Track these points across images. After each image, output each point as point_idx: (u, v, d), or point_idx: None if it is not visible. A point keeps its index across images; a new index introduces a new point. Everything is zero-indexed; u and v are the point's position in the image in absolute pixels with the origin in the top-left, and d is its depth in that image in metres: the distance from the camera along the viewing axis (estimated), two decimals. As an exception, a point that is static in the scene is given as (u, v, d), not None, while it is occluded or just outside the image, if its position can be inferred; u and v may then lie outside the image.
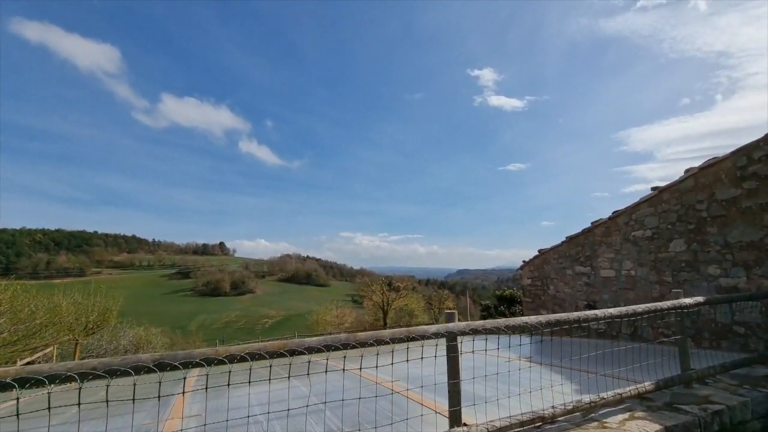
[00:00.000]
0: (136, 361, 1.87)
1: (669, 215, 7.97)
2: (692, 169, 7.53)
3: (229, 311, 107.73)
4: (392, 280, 38.03)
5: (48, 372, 1.65)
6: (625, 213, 9.15)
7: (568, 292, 11.18)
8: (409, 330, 2.40)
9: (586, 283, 10.44)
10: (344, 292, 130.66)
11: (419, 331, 2.42)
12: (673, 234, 7.86)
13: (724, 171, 6.95)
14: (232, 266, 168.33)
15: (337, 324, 36.67)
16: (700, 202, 7.34)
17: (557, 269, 11.68)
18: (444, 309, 37.95)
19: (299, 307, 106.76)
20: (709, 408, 3.15)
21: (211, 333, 77.26)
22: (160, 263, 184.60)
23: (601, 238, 9.92)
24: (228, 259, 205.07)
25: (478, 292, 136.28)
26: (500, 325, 2.66)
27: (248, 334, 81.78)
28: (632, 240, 8.89)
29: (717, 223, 7.04)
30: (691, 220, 7.51)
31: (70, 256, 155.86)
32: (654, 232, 8.32)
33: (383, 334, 2.33)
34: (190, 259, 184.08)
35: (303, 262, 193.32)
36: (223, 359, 2.06)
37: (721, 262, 6.97)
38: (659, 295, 8.20)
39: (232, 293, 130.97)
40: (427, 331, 2.44)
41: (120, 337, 23.70)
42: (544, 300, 12.31)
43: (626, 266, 9.08)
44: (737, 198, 6.71)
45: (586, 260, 10.43)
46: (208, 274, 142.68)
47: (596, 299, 10.06)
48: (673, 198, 7.89)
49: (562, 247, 11.45)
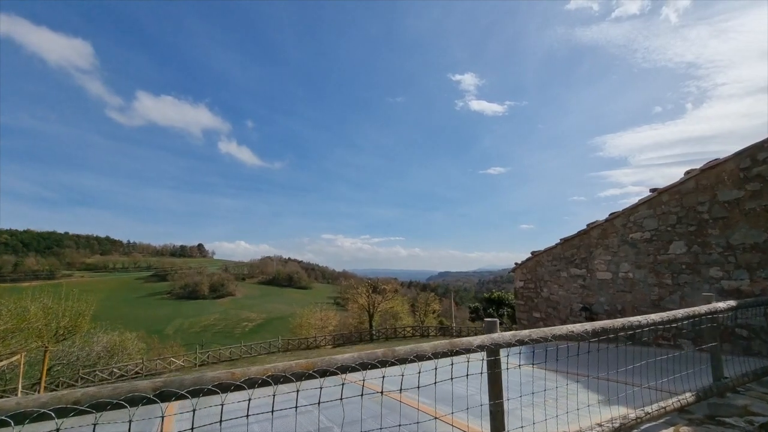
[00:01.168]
0: (132, 391, 1.48)
1: (669, 217, 7.90)
2: (693, 170, 7.48)
3: (207, 314, 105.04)
4: (378, 282, 37.63)
5: (14, 409, 1.24)
6: (622, 215, 9.08)
7: (562, 294, 11.07)
8: (452, 343, 2.07)
9: (581, 286, 10.35)
10: (326, 295, 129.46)
11: (463, 344, 2.09)
12: (673, 236, 7.80)
13: (726, 173, 6.90)
14: (210, 268, 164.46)
15: (321, 327, 36.02)
16: (702, 204, 7.29)
17: (551, 271, 11.57)
18: (429, 311, 37.83)
19: (281, 310, 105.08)
20: (755, 420, 2.94)
21: (190, 337, 75.07)
22: (135, 265, 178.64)
23: (597, 240, 9.84)
24: (207, 261, 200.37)
25: (460, 294, 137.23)
26: (547, 335, 2.36)
27: (227, 338, 79.84)
28: (630, 242, 8.82)
29: (719, 224, 6.99)
30: (691, 221, 7.46)
31: (39, 258, 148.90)
32: (653, 234, 8.26)
33: (424, 349, 1.99)
34: (167, 261, 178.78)
35: (284, 264, 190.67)
36: (240, 384, 1.68)
37: (724, 265, 6.91)
38: (658, 298, 8.14)
39: (210, 296, 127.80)
40: (472, 343, 2.12)
41: (93, 343, 22.55)
42: (537, 302, 12.19)
43: (624, 268, 9.00)
44: (740, 200, 6.67)
45: (582, 262, 10.35)
46: (186, 276, 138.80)
47: (592, 302, 9.97)
48: (673, 200, 7.84)
49: (557, 249, 11.35)
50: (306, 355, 24.05)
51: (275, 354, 27.36)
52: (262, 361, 23.70)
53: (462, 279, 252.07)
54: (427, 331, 32.61)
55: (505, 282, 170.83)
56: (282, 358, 23.92)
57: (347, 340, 32.20)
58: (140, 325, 68.68)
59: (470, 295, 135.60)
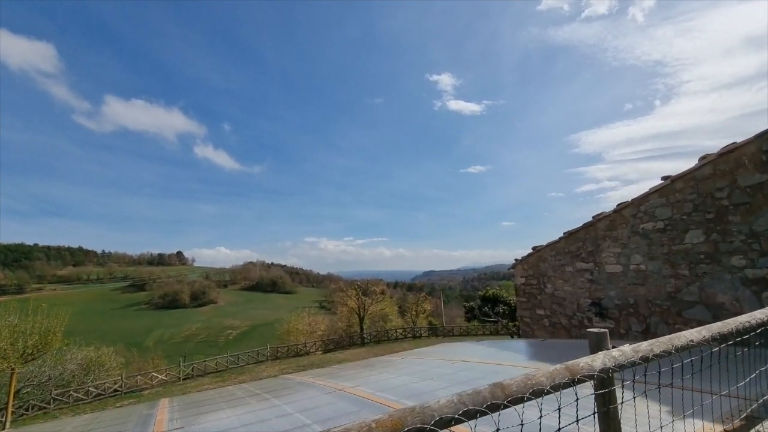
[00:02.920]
0: None
1: (684, 205, 7.58)
2: (710, 155, 7.17)
3: (189, 324, 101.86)
4: (368, 284, 36.91)
5: None
6: (632, 204, 8.75)
7: (568, 290, 10.71)
8: (570, 369, 1.48)
9: (589, 280, 10.00)
10: (312, 299, 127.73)
11: (583, 370, 1.50)
12: (689, 224, 7.48)
13: (747, 156, 6.59)
14: (191, 276, 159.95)
15: (310, 332, 35.08)
16: (720, 190, 6.98)
17: (555, 266, 11.21)
18: (421, 312, 37.31)
19: (266, 316, 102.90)
20: None
21: (171, 348, 72.49)
22: (110, 276, 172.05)
23: (604, 232, 9.50)
24: (186, 268, 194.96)
25: (446, 292, 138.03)
26: (669, 347, 1.80)
27: (211, 348, 77.51)
28: (642, 233, 8.49)
29: (740, 211, 6.68)
30: (709, 209, 7.14)
31: (6, 271, 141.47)
32: (666, 223, 7.93)
33: (538, 381, 1.40)
34: (145, 270, 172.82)
35: (267, 269, 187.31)
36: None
37: (747, 252, 6.59)
38: (674, 290, 7.81)
39: (192, 305, 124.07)
40: (593, 367, 1.53)
41: (67, 361, 21.07)
42: (540, 299, 11.81)
43: (635, 260, 8.66)
44: (764, 184, 6.35)
45: (589, 256, 10.00)
46: (165, 285, 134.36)
47: (601, 296, 9.62)
48: (687, 187, 7.51)
49: (560, 244, 10.99)
50: (296, 362, 23.15)
51: (264, 363, 26.30)
52: (250, 371, 22.68)
53: (447, 278, 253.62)
54: (419, 333, 32.13)
55: (489, 279, 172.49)
56: (271, 366, 22.95)
57: (338, 345, 31.37)
58: (118, 339, 65.92)
59: (456, 294, 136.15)
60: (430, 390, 4.95)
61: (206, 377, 23.45)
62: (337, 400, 5.16)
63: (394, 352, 21.65)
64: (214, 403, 6.76)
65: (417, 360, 8.32)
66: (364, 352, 23.66)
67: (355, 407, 4.62)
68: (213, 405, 6.48)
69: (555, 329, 11.12)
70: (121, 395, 20.25)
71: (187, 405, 6.88)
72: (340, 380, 6.86)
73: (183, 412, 5.90)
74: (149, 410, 6.76)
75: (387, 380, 6.17)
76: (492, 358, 7.55)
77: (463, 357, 7.70)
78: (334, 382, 6.55)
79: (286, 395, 6.29)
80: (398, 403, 4.49)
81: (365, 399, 4.93)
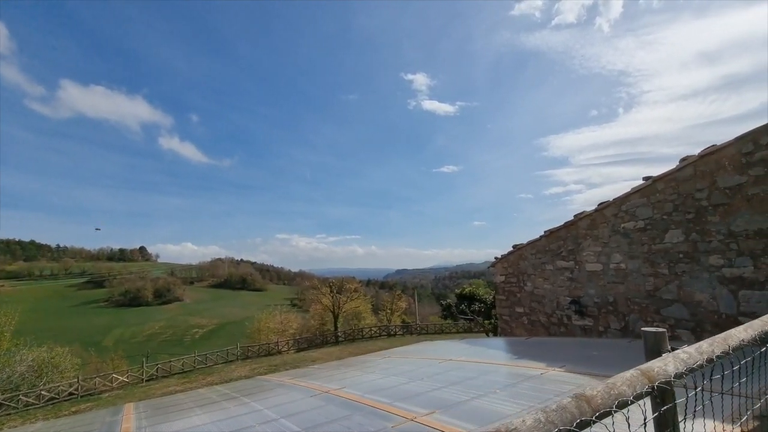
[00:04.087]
0: None
1: (664, 205, 7.74)
2: (690, 157, 7.34)
3: (152, 322, 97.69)
4: (343, 282, 36.42)
5: None
6: (613, 204, 8.88)
7: (548, 288, 10.81)
8: (646, 374, 1.27)
9: (569, 278, 10.11)
10: (283, 296, 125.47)
11: (660, 376, 1.30)
12: (669, 224, 7.64)
13: (727, 158, 6.77)
14: (154, 272, 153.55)
15: (282, 331, 34.31)
16: (700, 191, 7.15)
17: (535, 265, 11.30)
18: (396, 310, 37.22)
19: (235, 314, 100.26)
20: None
21: (132, 348, 69.15)
22: (66, 272, 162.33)
23: (586, 231, 9.62)
24: (150, 265, 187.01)
25: (418, 291, 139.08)
26: (726, 347, 1.64)
27: (176, 347, 74.62)
28: (622, 232, 8.63)
29: (719, 211, 6.86)
30: (689, 209, 7.31)
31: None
32: (647, 222, 8.08)
33: (624, 393, 1.18)
34: (104, 266, 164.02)
35: (237, 266, 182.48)
36: None
37: (725, 252, 6.78)
38: (653, 288, 7.97)
39: (155, 302, 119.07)
40: (667, 372, 1.34)
41: (16, 363, 19.48)
42: (520, 297, 11.89)
43: (615, 259, 8.81)
44: (743, 185, 6.54)
45: (569, 254, 10.11)
46: (127, 281, 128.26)
47: (581, 294, 9.75)
48: (668, 187, 7.68)
49: (541, 242, 11.08)
50: (268, 361, 22.48)
51: (234, 363, 25.39)
52: (219, 371, 21.82)
53: (419, 276, 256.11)
54: (393, 331, 31.99)
55: (460, 278, 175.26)
56: (242, 366, 22.17)
57: (311, 344, 30.76)
58: (74, 338, 62.23)
59: (428, 292, 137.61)
60: (424, 391, 4.73)
61: (172, 378, 22.36)
62: (324, 402, 4.85)
63: (370, 351, 21.40)
64: (185, 407, 6.28)
65: (401, 360, 8.10)
66: (338, 351, 23.29)
67: (346, 410, 4.33)
68: (184, 410, 6.00)
69: (534, 327, 11.22)
70: (77, 399, 18.94)
71: (155, 410, 6.35)
72: (323, 381, 6.54)
73: (152, 419, 5.41)
74: (112, 416, 6.19)
75: (374, 381, 5.90)
76: (479, 356, 7.45)
77: (449, 356, 7.55)
78: (317, 384, 6.23)
79: (266, 398, 5.91)
80: (392, 405, 4.24)
81: (355, 402, 4.64)
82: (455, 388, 4.74)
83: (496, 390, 4.48)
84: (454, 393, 4.58)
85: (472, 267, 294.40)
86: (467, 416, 3.67)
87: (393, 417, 3.87)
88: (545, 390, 4.21)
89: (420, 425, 3.57)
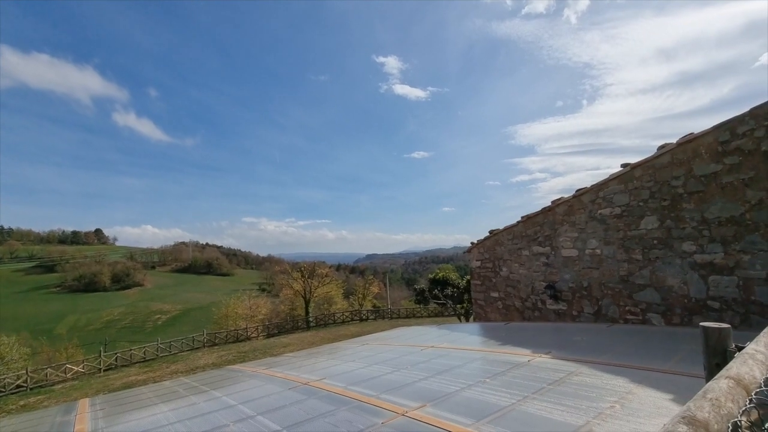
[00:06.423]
0: None
1: (641, 192, 7.85)
2: (668, 144, 7.43)
3: (110, 308, 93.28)
4: (315, 266, 35.83)
5: None
6: (591, 190, 8.95)
7: (523, 273, 10.92)
8: (740, 382, 1.04)
9: (544, 264, 10.22)
10: (251, 281, 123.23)
11: (752, 385, 1.08)
12: (645, 211, 7.77)
13: (704, 146, 6.89)
14: (112, 256, 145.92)
15: (251, 316, 33.51)
16: (676, 179, 7.27)
17: (511, 250, 11.36)
18: (368, 294, 37.19)
19: (200, 299, 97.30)
20: None
21: (88, 335, 65.75)
22: (11, 255, 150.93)
23: (563, 216, 9.69)
24: (107, 248, 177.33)
25: (389, 275, 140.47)
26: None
27: (137, 334, 71.71)
28: (599, 218, 8.73)
29: (694, 198, 7.01)
30: (665, 196, 7.44)
31: None
32: (624, 209, 8.20)
33: (731, 411, 0.94)
34: (56, 249, 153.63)
35: (201, 250, 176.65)
36: None
37: (697, 239, 6.96)
38: (627, 273, 8.15)
39: (113, 287, 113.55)
40: (756, 378, 1.12)
41: (-47, 355, 17.87)
42: (495, 282, 11.98)
43: (591, 245, 8.93)
44: (718, 173, 6.69)
45: (546, 240, 10.19)
46: (81, 266, 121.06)
47: (556, 279, 9.88)
48: (646, 174, 7.78)
49: (518, 227, 11.12)
50: (237, 348, 21.85)
51: (200, 350, 24.53)
52: (184, 359, 20.98)
53: (389, 261, 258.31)
54: (365, 315, 32.04)
55: (430, 262, 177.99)
56: (209, 354, 21.43)
57: (281, 329, 30.25)
58: (22, 326, 58.40)
59: (398, 277, 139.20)
60: (410, 381, 4.52)
61: (133, 367, 21.32)
62: (305, 396, 4.54)
63: (343, 336, 21.22)
64: (148, 402, 5.79)
65: (382, 347, 7.89)
66: (310, 337, 22.98)
67: (329, 405, 4.04)
68: (148, 406, 5.52)
69: (508, 311, 11.35)
70: (26, 392, 17.67)
71: (113, 407, 5.83)
72: (301, 371, 6.23)
73: (110, 419, 4.92)
74: (64, 416, 5.62)
75: (355, 371, 5.64)
76: (461, 343, 7.36)
77: (430, 343, 7.41)
78: (295, 374, 5.90)
79: (239, 391, 5.53)
80: (379, 398, 3.99)
81: (338, 395, 4.36)
82: (443, 378, 4.56)
83: (486, 379, 4.32)
84: (443, 383, 4.38)
85: (442, 252, 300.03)
86: (460, 409, 3.47)
87: (382, 411, 3.62)
88: (537, 378, 4.10)
89: (412, 420, 3.33)
